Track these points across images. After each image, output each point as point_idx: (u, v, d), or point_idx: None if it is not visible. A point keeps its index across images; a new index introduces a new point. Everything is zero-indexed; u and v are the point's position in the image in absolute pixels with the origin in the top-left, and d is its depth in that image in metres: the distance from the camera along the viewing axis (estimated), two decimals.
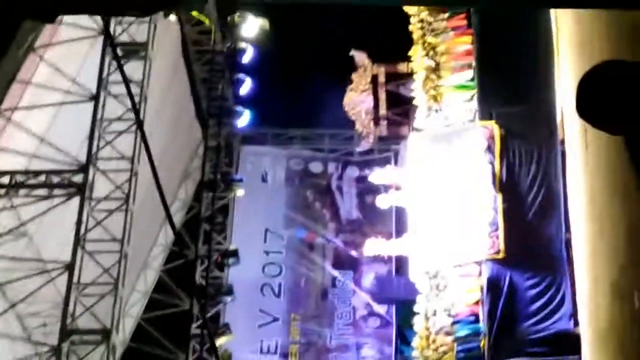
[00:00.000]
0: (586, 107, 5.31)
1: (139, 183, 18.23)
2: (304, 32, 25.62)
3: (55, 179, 17.58)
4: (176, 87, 23.66)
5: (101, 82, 17.76)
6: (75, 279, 17.01)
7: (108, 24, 16.76)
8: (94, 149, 17.77)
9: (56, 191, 17.59)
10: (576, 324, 13.41)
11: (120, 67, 16.41)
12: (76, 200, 17.41)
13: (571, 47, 11.85)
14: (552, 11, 15.35)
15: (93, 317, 17.15)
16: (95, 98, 17.81)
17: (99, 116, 17.88)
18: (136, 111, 16.24)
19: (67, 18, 17.45)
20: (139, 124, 15.49)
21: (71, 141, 17.97)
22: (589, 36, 8.75)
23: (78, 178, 17.51)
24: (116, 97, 18.12)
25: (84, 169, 17.48)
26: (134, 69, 18.79)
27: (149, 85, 18.88)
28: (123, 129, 18.05)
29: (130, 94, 11.31)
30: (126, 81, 11.34)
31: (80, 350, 17.19)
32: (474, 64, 17.72)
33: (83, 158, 17.63)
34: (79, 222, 17.24)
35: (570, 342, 13.39)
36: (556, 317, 14.87)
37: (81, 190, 17.37)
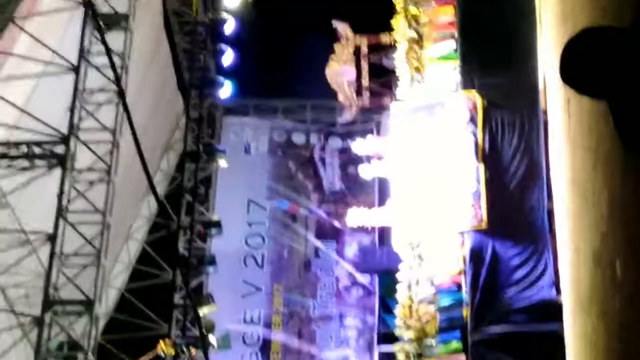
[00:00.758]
0: (570, 72, 5.31)
1: (121, 154, 18.19)
2: (286, 2, 25.55)
3: (37, 150, 17.52)
4: (158, 59, 23.57)
5: (82, 53, 17.65)
6: (57, 250, 16.99)
7: None
8: (76, 120, 17.70)
9: (38, 162, 17.54)
10: (558, 292, 13.48)
11: (102, 37, 16.33)
12: (58, 172, 17.36)
13: (553, 19, 11.84)
14: None
15: (76, 288, 17.15)
16: (76, 69, 17.72)
17: (80, 87, 17.79)
18: (118, 80, 16.16)
19: None
20: (121, 94, 15.41)
21: (52, 112, 17.89)
22: (570, 9, 8.74)
23: (60, 149, 17.45)
24: (97, 68, 18.04)
25: (65, 140, 17.40)
26: (115, 40, 18.68)
27: (131, 56, 18.80)
28: (104, 100, 17.99)
29: (112, 64, 11.28)
30: (108, 50, 11.29)
31: (63, 320, 17.19)
32: (456, 34, 17.68)
33: (64, 129, 17.55)
34: (60, 194, 17.19)
35: (552, 310, 13.43)
36: (538, 285, 14.93)
37: (63, 161, 17.32)
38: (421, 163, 17.00)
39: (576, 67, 5.18)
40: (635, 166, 5.47)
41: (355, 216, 18.93)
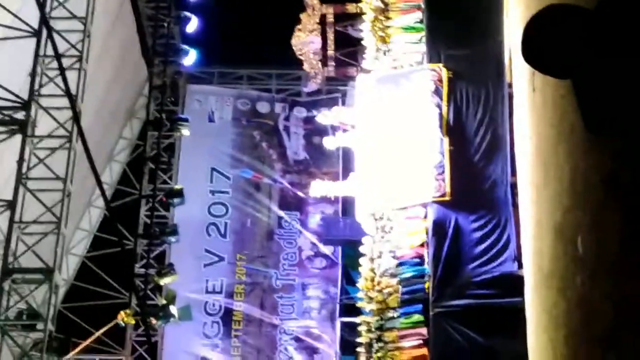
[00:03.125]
0: (532, 52, 5.26)
1: (82, 121, 17.98)
2: None
3: None
4: (121, 25, 23.31)
5: (43, 18, 17.38)
6: (17, 218, 16.82)
7: None
8: (36, 85, 17.47)
9: None
10: (520, 266, 13.51)
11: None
12: (18, 138, 17.16)
13: None
14: None
15: (35, 256, 17.00)
16: (37, 34, 17.47)
17: (41, 52, 17.55)
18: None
19: None
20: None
21: (13, 78, 17.65)
22: None
23: (20, 115, 17.23)
24: (59, 33, 17.80)
25: (25, 106, 17.19)
26: (77, 5, 18.45)
27: (93, 22, 18.56)
28: (66, 66, 17.73)
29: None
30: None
31: (23, 289, 17.06)
32: (422, 5, 17.59)
33: (25, 95, 17.33)
34: (20, 160, 17.00)
35: (514, 284, 13.43)
36: (500, 259, 14.94)
37: (23, 127, 17.11)
38: (386, 134, 16.94)
39: (538, 46, 5.12)
40: (597, 141, 5.42)
41: (319, 187, 18.87)
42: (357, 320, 17.13)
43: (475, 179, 15.69)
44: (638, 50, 4.38)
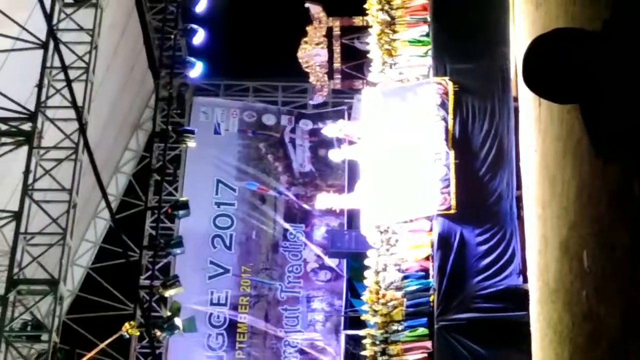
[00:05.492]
0: (534, 81, 5.25)
1: (89, 132, 18.03)
2: None
3: (3, 127, 17.32)
4: (128, 37, 23.38)
5: (51, 30, 17.44)
6: (22, 229, 16.83)
7: None
8: (43, 97, 17.51)
9: (4, 139, 17.35)
10: (525, 280, 13.49)
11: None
12: (24, 149, 17.19)
13: (526, 5, 11.83)
14: None
15: (40, 267, 17.02)
16: (44, 46, 17.52)
17: (48, 64, 17.59)
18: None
19: None
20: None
21: (20, 89, 17.70)
22: None
23: (26, 126, 17.27)
24: (66, 45, 17.85)
25: (32, 117, 17.23)
26: (85, 17, 18.50)
27: (100, 34, 18.61)
28: (73, 77, 17.77)
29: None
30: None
31: (28, 300, 17.08)
32: (429, 19, 17.60)
33: (32, 106, 17.37)
34: (26, 171, 17.02)
35: (519, 298, 13.47)
36: (505, 273, 14.90)
37: (29, 138, 17.14)
38: (391, 147, 16.93)
39: (539, 76, 5.11)
40: (606, 155, 5.42)
41: (324, 200, 18.87)
42: (361, 333, 17.10)
43: (481, 192, 15.67)
44: None
